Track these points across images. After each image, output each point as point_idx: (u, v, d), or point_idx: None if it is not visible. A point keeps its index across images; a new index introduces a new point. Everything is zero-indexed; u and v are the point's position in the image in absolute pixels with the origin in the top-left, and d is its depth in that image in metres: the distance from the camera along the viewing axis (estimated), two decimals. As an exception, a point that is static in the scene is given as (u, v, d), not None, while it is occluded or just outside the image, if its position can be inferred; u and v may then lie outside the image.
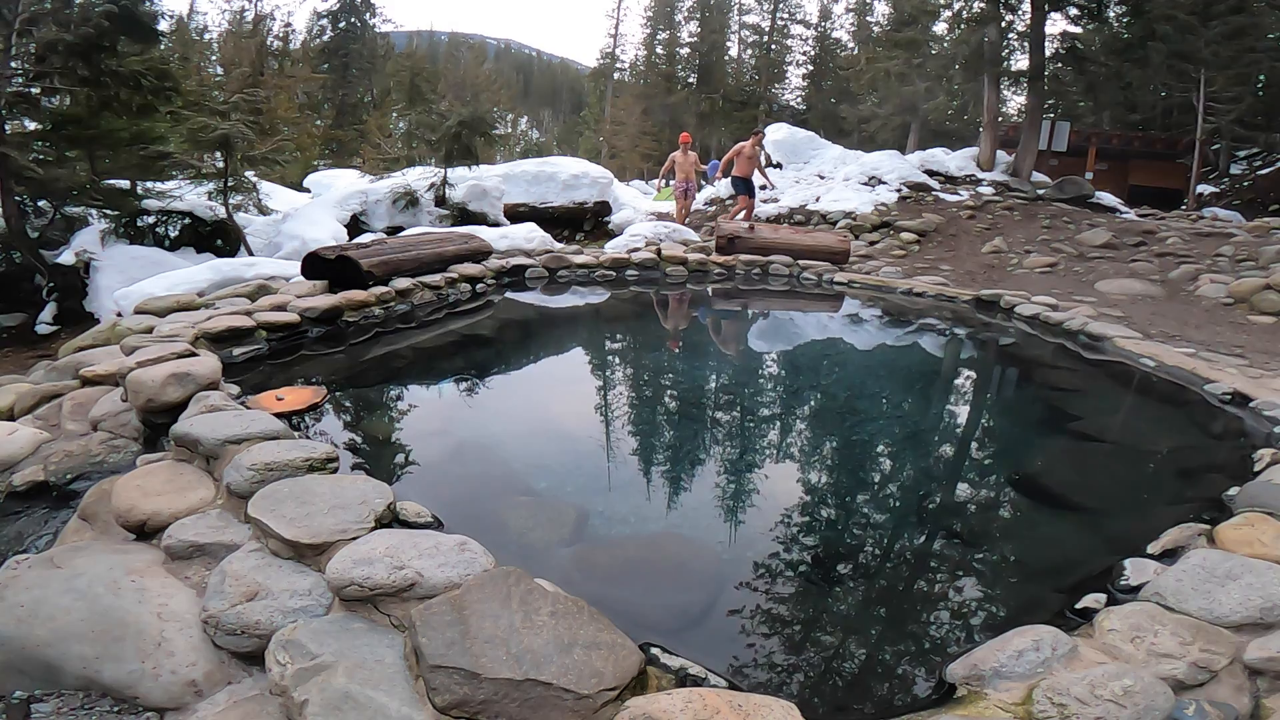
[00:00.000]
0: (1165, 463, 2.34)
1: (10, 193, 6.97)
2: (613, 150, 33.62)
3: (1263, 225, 10.63)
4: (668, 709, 1.03)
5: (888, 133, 23.45)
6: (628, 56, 37.91)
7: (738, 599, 1.48)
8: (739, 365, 3.60)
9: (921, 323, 4.69)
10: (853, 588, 1.56)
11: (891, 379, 3.10)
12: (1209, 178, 18.69)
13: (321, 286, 4.39)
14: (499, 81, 22.29)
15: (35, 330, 6.90)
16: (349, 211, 10.79)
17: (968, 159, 15.12)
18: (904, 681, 1.27)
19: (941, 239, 11.28)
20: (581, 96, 50.79)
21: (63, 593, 1.40)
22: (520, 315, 4.21)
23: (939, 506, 1.89)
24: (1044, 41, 14.89)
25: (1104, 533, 1.82)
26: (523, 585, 1.28)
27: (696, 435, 2.27)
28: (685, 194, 9.77)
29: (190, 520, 1.66)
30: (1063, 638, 1.26)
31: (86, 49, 6.93)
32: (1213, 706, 1.14)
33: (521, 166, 15.34)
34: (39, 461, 2.24)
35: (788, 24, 33.95)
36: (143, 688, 1.27)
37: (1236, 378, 3.32)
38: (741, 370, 3.52)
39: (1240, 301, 6.98)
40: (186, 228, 8.48)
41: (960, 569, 1.62)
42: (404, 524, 1.62)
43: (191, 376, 2.33)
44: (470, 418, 2.44)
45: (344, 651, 1.19)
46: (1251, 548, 1.59)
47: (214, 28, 32.81)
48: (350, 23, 32.46)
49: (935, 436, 2.43)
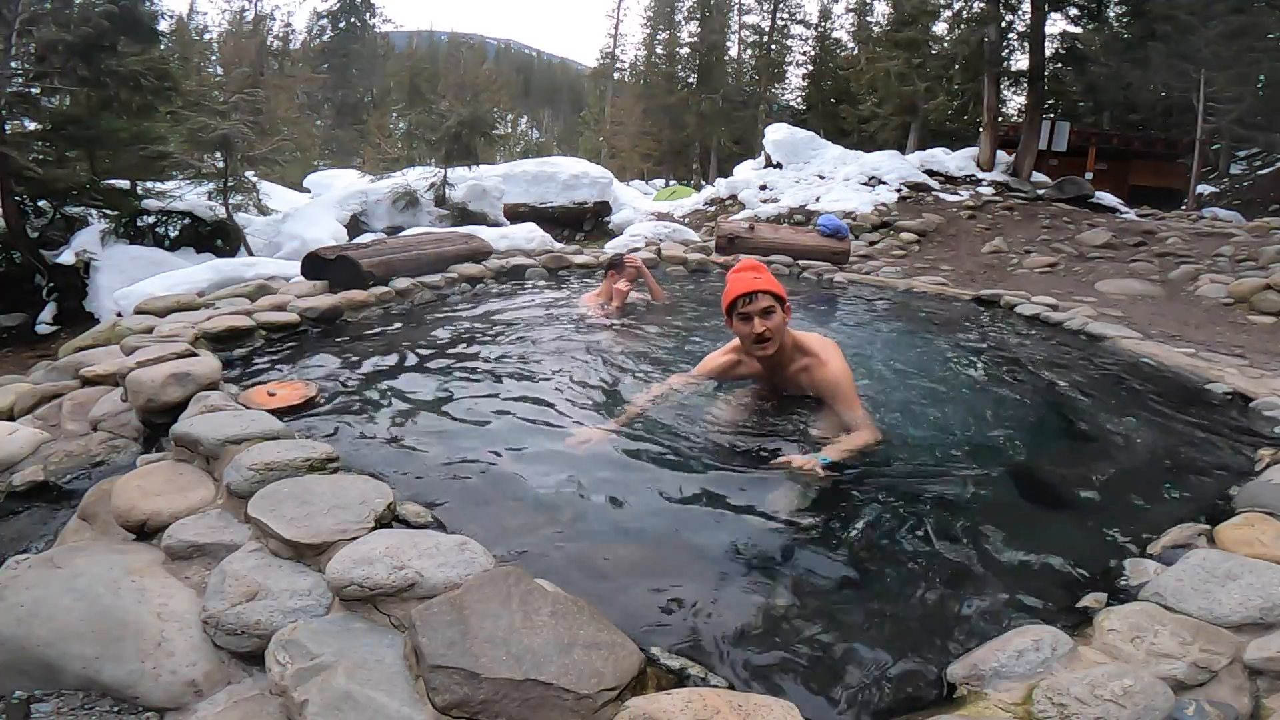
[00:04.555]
0: (1165, 462, 2.34)
1: (10, 193, 6.97)
2: (613, 150, 33.62)
3: (1263, 225, 10.64)
4: (668, 709, 1.03)
5: (888, 133, 23.46)
6: (628, 56, 37.97)
7: (738, 599, 1.48)
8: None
9: (920, 322, 4.70)
10: (853, 587, 1.56)
11: (890, 378, 3.10)
12: (1209, 178, 18.70)
13: (321, 286, 4.40)
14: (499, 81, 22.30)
15: (35, 330, 6.91)
16: (349, 211, 10.81)
17: (968, 159, 15.13)
18: (904, 681, 1.27)
19: (941, 239, 11.28)
20: (581, 96, 50.80)
21: (63, 593, 1.40)
22: (522, 314, 4.21)
23: (938, 506, 1.89)
24: (1044, 41, 14.91)
25: (1104, 533, 1.82)
26: (523, 585, 1.28)
27: (698, 434, 2.27)
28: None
29: (190, 520, 1.67)
30: (1063, 638, 1.26)
31: (86, 49, 6.93)
32: (1213, 706, 1.14)
33: (521, 166, 15.36)
34: (39, 461, 2.24)
35: (788, 24, 33.96)
36: (143, 688, 1.27)
37: (1237, 377, 3.32)
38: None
39: (1240, 301, 6.98)
40: (186, 228, 8.49)
41: (960, 569, 1.62)
42: (404, 524, 1.62)
43: (191, 376, 2.33)
44: (471, 417, 2.44)
45: (344, 651, 1.19)
46: (1251, 548, 1.59)
47: (214, 28, 32.87)
48: (350, 23, 32.50)
49: (933, 435, 2.43)
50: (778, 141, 16.59)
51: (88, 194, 7.62)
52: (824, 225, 7.06)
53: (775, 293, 2.26)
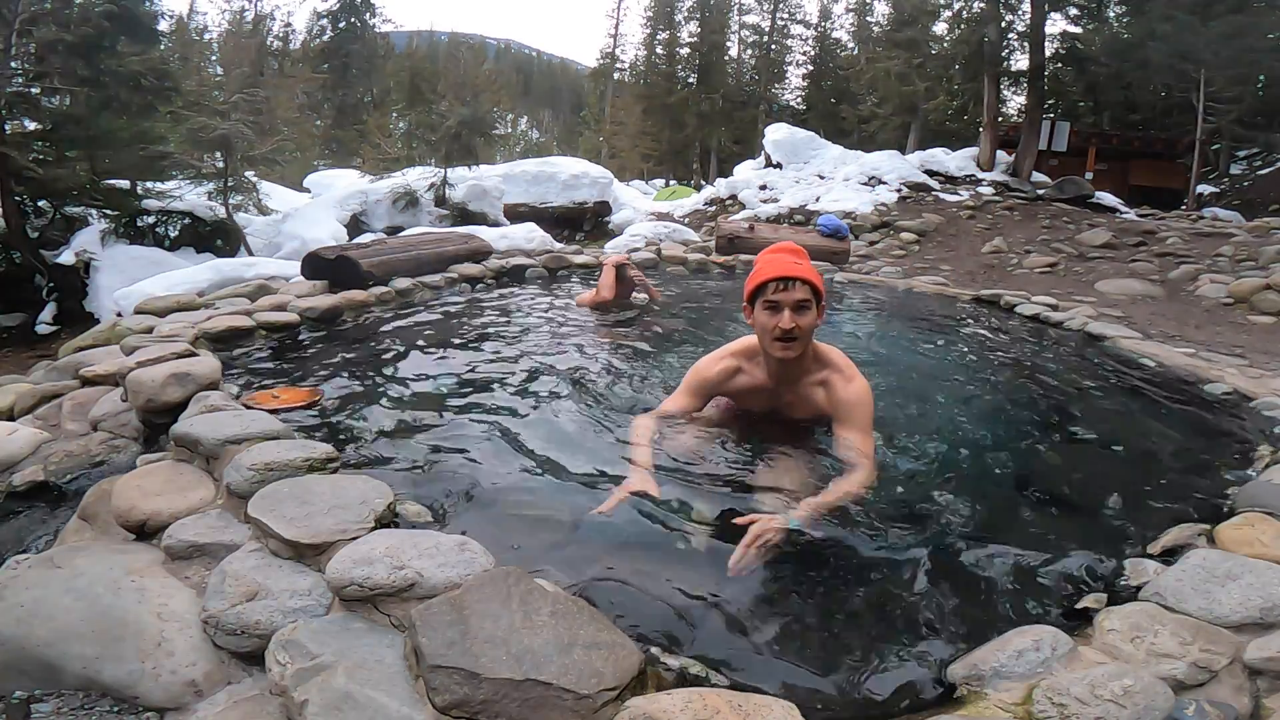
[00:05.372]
0: (1165, 462, 2.34)
1: (10, 193, 6.98)
2: (613, 150, 33.61)
3: (1263, 225, 10.64)
4: (668, 709, 1.03)
5: (888, 133, 23.47)
6: (628, 56, 37.96)
7: (738, 599, 1.48)
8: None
9: (920, 322, 4.70)
10: (853, 587, 1.56)
11: (888, 377, 3.10)
12: (1209, 178, 18.69)
13: (321, 286, 4.40)
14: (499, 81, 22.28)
15: (35, 330, 6.91)
16: (349, 211, 10.81)
17: (968, 159, 15.14)
18: (904, 682, 1.27)
19: (941, 239, 11.29)
20: (581, 96, 50.79)
21: (63, 593, 1.40)
22: (522, 315, 4.21)
23: (937, 506, 1.89)
24: (1044, 41, 14.92)
25: (1104, 533, 1.82)
26: (523, 585, 1.28)
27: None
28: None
29: (190, 520, 1.67)
30: (1063, 638, 1.26)
31: (86, 49, 6.94)
32: (1213, 706, 1.14)
33: (521, 166, 15.37)
34: (39, 461, 2.24)
35: (788, 24, 34.00)
36: (143, 688, 1.27)
37: (1236, 377, 3.32)
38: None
39: (1240, 301, 6.99)
40: (186, 228, 8.50)
41: (960, 568, 1.62)
42: (404, 524, 1.62)
43: (191, 376, 2.33)
44: (471, 417, 2.44)
45: (344, 651, 1.19)
46: (1251, 548, 1.59)
47: (214, 28, 32.90)
48: (350, 23, 32.46)
49: (931, 435, 2.43)
50: (778, 141, 16.61)
51: (88, 194, 7.62)
52: (824, 225, 7.06)
53: (815, 285, 1.94)
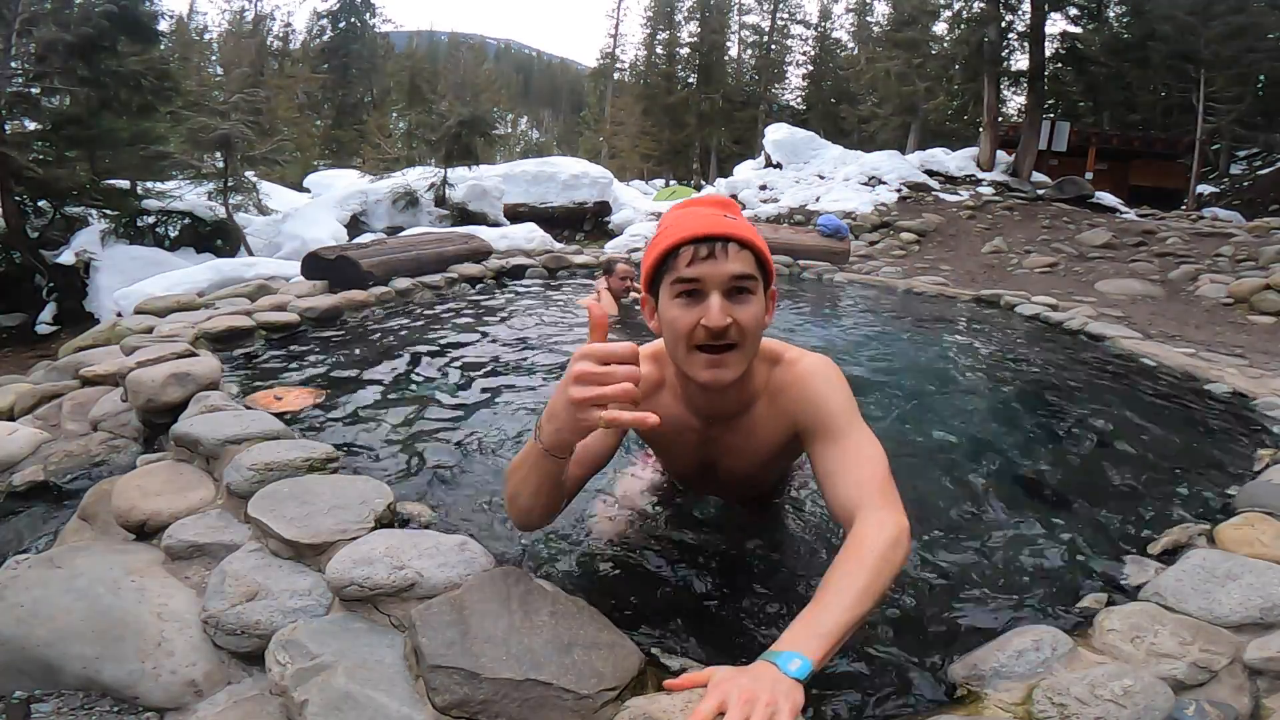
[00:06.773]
0: (1165, 462, 2.34)
1: (10, 193, 6.98)
2: (613, 150, 33.64)
3: (1263, 225, 10.65)
4: (668, 709, 1.03)
5: (888, 133, 23.49)
6: (628, 56, 38.01)
7: (738, 598, 1.48)
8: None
9: (918, 321, 4.69)
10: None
11: (886, 376, 3.10)
12: (1209, 178, 18.71)
13: (321, 286, 4.40)
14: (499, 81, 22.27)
15: (35, 330, 6.92)
16: (349, 211, 10.82)
17: (968, 159, 15.15)
18: (904, 682, 1.27)
19: (941, 239, 11.29)
20: (581, 96, 50.81)
21: (63, 593, 1.40)
22: (522, 315, 4.21)
23: (936, 506, 1.89)
24: (1044, 41, 14.93)
25: (1104, 533, 1.82)
26: (522, 585, 1.27)
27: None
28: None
29: (190, 520, 1.66)
30: (1063, 638, 1.26)
31: (86, 49, 6.95)
32: (1213, 706, 1.14)
33: (521, 166, 15.38)
34: (39, 461, 2.24)
35: (788, 24, 34.04)
36: (143, 688, 1.27)
37: (1237, 377, 3.32)
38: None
39: (1240, 301, 7.00)
40: (186, 228, 8.50)
41: (960, 568, 1.62)
42: (404, 524, 1.62)
43: (191, 376, 2.33)
44: (472, 417, 2.44)
45: (344, 651, 1.19)
46: (1251, 548, 1.59)
47: (214, 28, 32.96)
48: (350, 23, 32.49)
49: (930, 435, 2.42)
50: (778, 141, 16.62)
51: (88, 194, 7.63)
52: (824, 225, 7.07)
53: (758, 251, 1.18)
